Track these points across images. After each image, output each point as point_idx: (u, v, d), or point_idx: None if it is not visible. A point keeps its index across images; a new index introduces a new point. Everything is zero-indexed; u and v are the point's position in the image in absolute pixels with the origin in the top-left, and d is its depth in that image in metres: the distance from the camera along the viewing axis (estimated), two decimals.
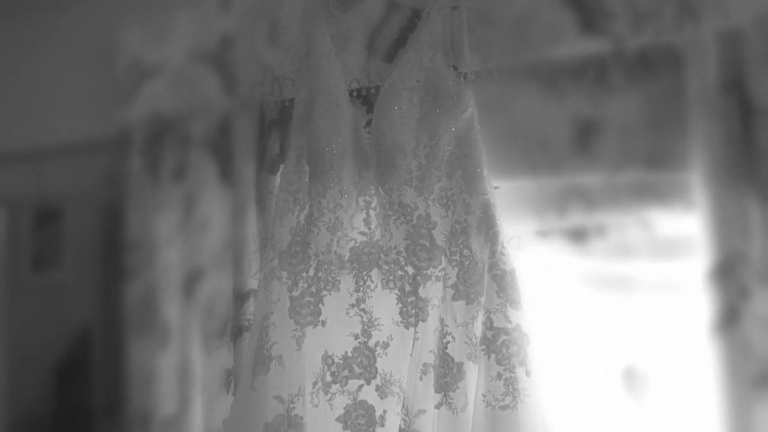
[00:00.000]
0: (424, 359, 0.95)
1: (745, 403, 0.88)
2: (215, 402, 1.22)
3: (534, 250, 1.03)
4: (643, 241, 0.97)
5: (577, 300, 0.98)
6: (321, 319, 1.02)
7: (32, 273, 2.16)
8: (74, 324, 2.03)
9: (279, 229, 1.06)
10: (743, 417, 0.89)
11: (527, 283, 0.96)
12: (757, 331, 0.87)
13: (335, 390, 1.00)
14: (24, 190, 1.86)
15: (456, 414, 0.91)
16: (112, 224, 1.60)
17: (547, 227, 1.02)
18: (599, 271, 1.01)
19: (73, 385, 2.07)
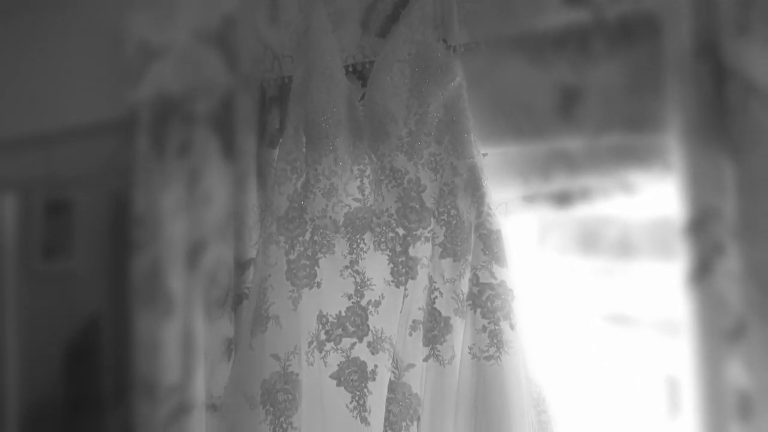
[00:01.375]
0: (413, 316, 1.00)
1: (718, 356, 0.92)
2: (216, 369, 1.28)
3: (521, 215, 1.09)
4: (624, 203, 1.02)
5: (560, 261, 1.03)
6: (316, 281, 1.08)
7: (43, 261, 2.23)
8: (84, 311, 2.09)
9: (277, 197, 1.12)
10: (716, 370, 0.92)
11: (514, 245, 1.01)
12: (731, 285, 0.92)
13: (329, 348, 1.05)
14: (34, 175, 1.93)
15: (443, 366, 0.96)
16: (121, 215, 1.66)
17: (533, 192, 1.07)
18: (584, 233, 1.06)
19: (83, 369, 2.14)
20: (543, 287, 1.03)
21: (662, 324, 1.02)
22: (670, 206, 0.94)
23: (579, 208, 1.06)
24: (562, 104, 1.02)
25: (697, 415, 0.93)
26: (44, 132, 1.74)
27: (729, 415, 0.91)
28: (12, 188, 2.02)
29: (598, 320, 1.10)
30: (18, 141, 1.81)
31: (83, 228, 2.13)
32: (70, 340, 2.16)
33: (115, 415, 1.88)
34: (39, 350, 2.19)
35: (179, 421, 1.32)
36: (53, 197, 2.16)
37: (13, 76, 1.76)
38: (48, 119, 1.70)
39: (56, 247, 2.21)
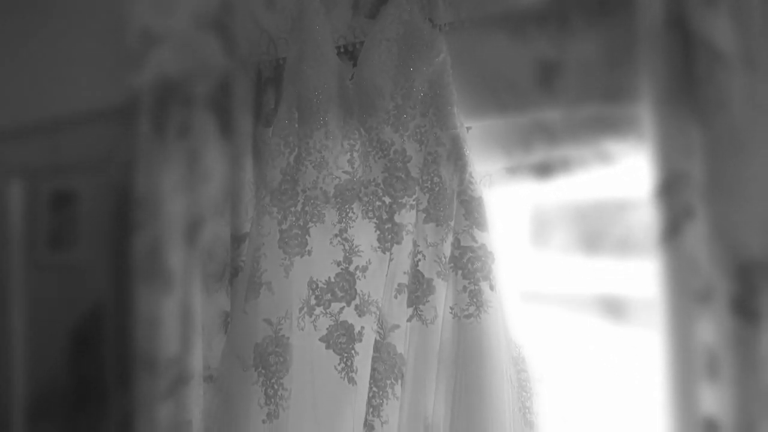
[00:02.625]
0: (398, 280, 1.06)
1: (688, 318, 0.96)
2: (213, 341, 1.34)
3: (504, 187, 1.15)
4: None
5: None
6: (307, 249, 1.13)
7: (49, 252, 2.29)
8: (88, 301, 2.15)
9: (271, 170, 1.18)
10: (686, 331, 0.96)
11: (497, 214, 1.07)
12: (701, 247, 0.96)
13: (319, 312, 1.11)
14: (38, 162, 1.99)
15: (426, 325, 1.01)
16: (125, 207, 1.72)
17: (515, 164, 1.12)
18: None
19: (88, 358, 2.19)
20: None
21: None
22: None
23: (559, 180, 1.11)
24: (542, 78, 1.08)
25: (667, 375, 0.97)
26: (47, 119, 1.80)
27: (698, 375, 0.95)
28: (16, 175, 2.09)
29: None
30: (21, 128, 1.87)
31: (88, 219, 2.19)
32: (75, 329, 2.22)
33: (118, 404, 1.93)
34: (44, 339, 2.25)
35: (177, 393, 1.38)
36: (58, 188, 2.23)
37: (14, 63, 1.83)
38: (50, 106, 1.77)
39: (61, 238, 2.28)
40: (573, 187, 1.16)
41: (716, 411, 0.93)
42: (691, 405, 0.96)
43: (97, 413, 2.11)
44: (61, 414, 2.22)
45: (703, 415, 0.94)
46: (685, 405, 0.97)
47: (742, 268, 0.90)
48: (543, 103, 1.07)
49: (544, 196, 1.21)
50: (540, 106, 1.07)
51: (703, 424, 0.94)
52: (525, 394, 0.99)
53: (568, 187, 1.16)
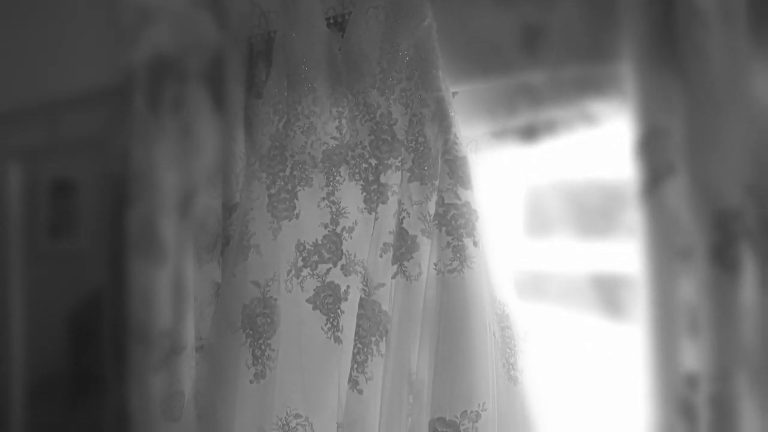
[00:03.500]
0: (384, 239, 1.08)
1: (668, 274, 0.98)
2: (205, 312, 1.35)
3: (490, 151, 1.16)
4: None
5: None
6: (295, 212, 1.15)
7: (49, 241, 2.32)
8: (87, 288, 2.18)
9: (260, 137, 1.20)
10: (668, 288, 0.98)
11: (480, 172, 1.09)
12: (682, 203, 0.98)
13: (306, 273, 1.13)
14: (38, 145, 2.02)
15: (410, 281, 1.02)
16: (122, 198, 1.75)
17: (501, 128, 1.14)
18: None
19: (86, 345, 2.22)
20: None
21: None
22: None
23: (544, 142, 1.13)
24: (526, 41, 1.10)
25: (648, 331, 0.98)
26: (44, 101, 1.83)
27: (679, 332, 0.96)
28: (15, 158, 2.12)
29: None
30: (18, 111, 1.90)
31: (88, 209, 2.22)
32: (74, 315, 2.24)
33: (116, 391, 1.95)
34: (43, 326, 2.28)
35: (170, 364, 1.40)
36: (58, 178, 2.26)
37: (8, 45, 1.86)
38: (47, 88, 1.79)
39: (62, 227, 2.30)
40: (564, 164, 1.17)
41: (697, 367, 0.94)
42: (673, 362, 0.97)
43: (95, 398, 2.14)
44: (60, 400, 2.25)
45: (686, 371, 0.95)
46: (667, 362, 0.98)
47: (720, 219, 0.92)
48: (527, 66, 1.09)
49: (538, 179, 1.23)
50: (524, 69, 1.09)
51: (684, 380, 0.95)
52: (509, 351, 1.00)
53: (558, 163, 1.18)
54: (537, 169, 1.21)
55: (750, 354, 0.91)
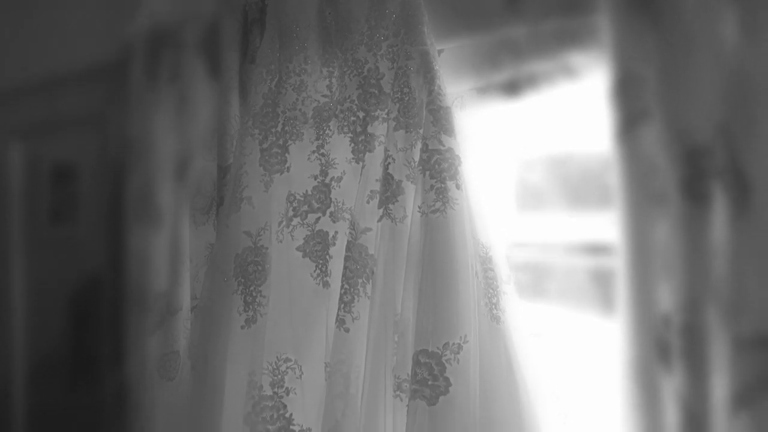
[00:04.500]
0: (370, 187, 1.12)
1: (645, 218, 1.01)
2: (201, 273, 1.40)
3: (475, 107, 1.21)
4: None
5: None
6: (287, 166, 1.20)
7: (49, 227, 2.38)
8: (86, 272, 2.23)
9: (254, 96, 1.25)
10: (643, 231, 1.01)
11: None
12: (658, 148, 1.02)
13: (296, 223, 1.17)
14: (39, 123, 2.07)
15: (395, 224, 1.07)
16: (121, 185, 1.80)
17: (484, 83, 1.19)
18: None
19: (85, 326, 2.26)
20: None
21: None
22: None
23: (527, 96, 1.18)
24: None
25: (626, 273, 1.02)
26: (44, 77, 1.88)
27: (656, 273, 1.00)
28: (16, 137, 2.17)
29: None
30: (18, 88, 1.96)
31: (87, 196, 2.27)
32: (73, 299, 2.29)
33: (114, 371, 1.99)
34: (44, 309, 2.33)
35: (166, 323, 1.44)
36: (58, 165, 2.31)
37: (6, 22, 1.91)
38: (47, 64, 1.85)
39: (62, 214, 2.36)
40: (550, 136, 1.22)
41: (671, 306, 0.98)
42: (650, 302, 1.01)
43: (94, 377, 2.18)
44: (60, 380, 2.29)
45: (662, 310, 0.99)
46: (644, 302, 1.02)
47: (690, 155, 0.96)
48: (509, 21, 1.14)
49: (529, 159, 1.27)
50: (506, 24, 1.14)
51: (661, 320, 0.99)
52: (492, 291, 1.04)
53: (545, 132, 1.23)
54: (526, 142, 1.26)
55: (720, 286, 0.94)
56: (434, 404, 0.97)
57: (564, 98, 1.19)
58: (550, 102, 1.20)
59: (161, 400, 1.42)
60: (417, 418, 0.97)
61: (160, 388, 1.42)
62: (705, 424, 0.94)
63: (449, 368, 0.97)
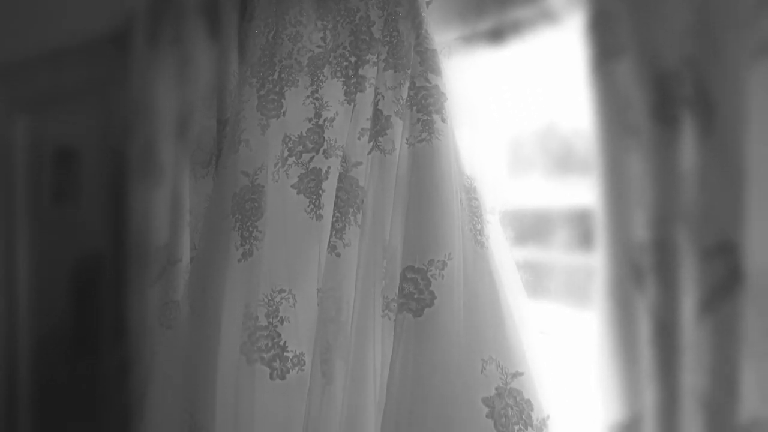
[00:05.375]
0: (361, 125, 1.19)
1: (619, 149, 1.08)
2: (200, 224, 1.46)
3: (462, 56, 1.28)
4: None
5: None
6: (282, 111, 1.27)
7: (52, 207, 2.45)
8: (88, 251, 2.29)
9: (252, 49, 1.33)
10: (618, 161, 1.07)
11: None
12: (631, 82, 1.08)
13: (291, 162, 1.24)
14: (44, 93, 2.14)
15: (384, 155, 1.13)
16: (122, 167, 1.88)
17: (470, 31, 1.26)
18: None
19: (87, 303, 2.33)
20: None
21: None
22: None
23: (511, 45, 1.25)
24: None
25: (603, 203, 1.08)
26: (47, 51, 1.95)
27: (631, 206, 1.06)
28: (21, 111, 2.24)
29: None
30: (23, 62, 2.03)
31: (89, 177, 2.34)
32: (75, 275, 2.36)
33: (116, 344, 2.05)
34: (47, 285, 2.39)
35: (166, 274, 1.50)
36: (61, 147, 2.39)
37: None
38: (50, 36, 1.92)
39: (64, 194, 2.43)
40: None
41: (644, 235, 1.04)
42: (626, 231, 1.07)
43: (95, 355, 2.24)
44: (63, 354, 2.35)
45: (638, 241, 1.05)
46: (620, 232, 1.08)
47: (659, 80, 1.02)
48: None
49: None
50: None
51: (636, 247, 1.05)
52: (476, 218, 1.10)
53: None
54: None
55: (687, 203, 1.00)
56: (420, 316, 1.03)
57: (546, 47, 1.26)
58: (533, 51, 1.27)
59: (161, 347, 1.47)
60: (404, 330, 1.03)
61: (160, 335, 1.48)
62: (674, 331, 1.00)
63: (434, 282, 1.03)
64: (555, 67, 1.28)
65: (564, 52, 1.25)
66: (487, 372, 1.04)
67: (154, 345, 1.50)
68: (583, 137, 1.21)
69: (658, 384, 1.01)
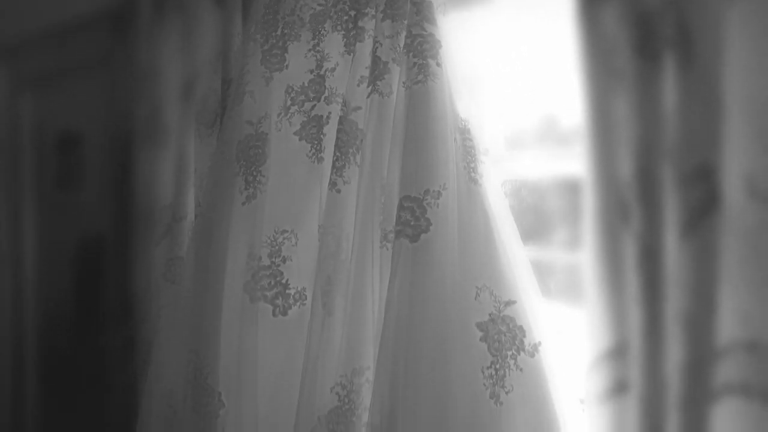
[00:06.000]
0: (361, 72, 1.25)
1: (605, 93, 1.13)
2: (204, 182, 1.52)
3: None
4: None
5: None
6: (285, 64, 1.34)
7: (57, 191, 2.51)
8: (91, 234, 2.35)
9: (256, 7, 1.39)
10: (604, 104, 1.13)
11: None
12: (616, 26, 1.14)
13: (293, 111, 1.31)
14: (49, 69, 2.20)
15: (382, 97, 1.19)
16: (125, 152, 1.94)
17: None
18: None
19: (92, 282, 2.38)
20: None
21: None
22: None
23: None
24: None
25: (589, 150, 1.13)
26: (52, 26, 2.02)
27: (618, 148, 1.12)
28: (27, 86, 2.31)
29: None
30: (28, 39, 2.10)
31: (92, 162, 2.40)
32: (79, 254, 2.41)
33: (119, 325, 2.10)
34: (53, 264, 2.45)
35: (172, 231, 1.56)
36: (65, 133, 2.45)
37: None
38: (54, 12, 1.99)
39: (68, 179, 2.49)
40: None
41: (629, 168, 1.10)
42: (612, 170, 1.12)
43: (98, 333, 2.29)
44: (67, 333, 2.40)
45: (624, 179, 1.10)
46: (607, 170, 1.13)
47: (642, 18, 1.08)
48: None
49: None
50: None
51: (622, 184, 1.10)
52: (470, 157, 1.16)
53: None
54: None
55: (669, 133, 1.06)
56: (416, 241, 1.09)
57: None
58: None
59: (166, 302, 1.53)
60: (401, 255, 1.09)
61: (165, 290, 1.54)
62: (658, 256, 1.05)
63: (430, 211, 1.09)
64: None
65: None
66: (480, 299, 1.09)
67: (160, 300, 1.55)
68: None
69: (643, 308, 1.07)
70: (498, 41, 1.37)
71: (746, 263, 1.01)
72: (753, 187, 1.01)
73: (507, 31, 1.36)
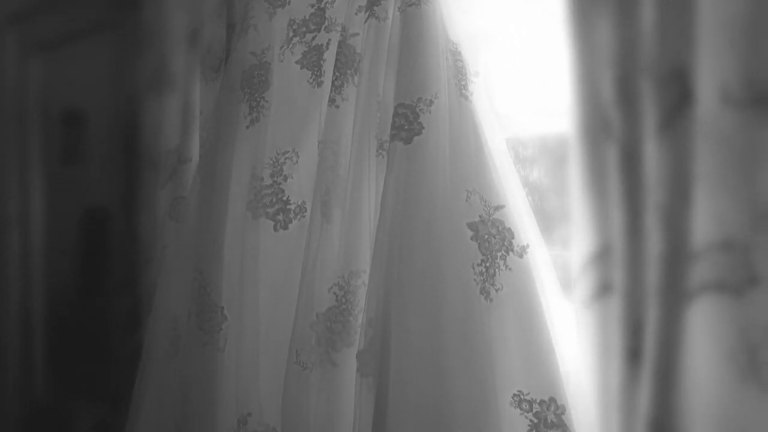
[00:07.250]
0: (358, 3, 1.34)
1: (589, 15, 1.22)
2: (209, 124, 1.61)
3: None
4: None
5: None
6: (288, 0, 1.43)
7: (62, 167, 2.60)
8: (95, 207, 2.44)
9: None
10: (587, 25, 1.21)
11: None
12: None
13: (295, 41, 1.39)
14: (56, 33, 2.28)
15: (379, 21, 1.28)
16: (130, 129, 2.04)
17: None
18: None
19: (95, 263, 2.46)
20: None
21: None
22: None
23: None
24: None
25: (572, 67, 1.21)
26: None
27: (599, 69, 1.20)
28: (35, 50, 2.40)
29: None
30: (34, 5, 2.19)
31: (97, 138, 2.49)
32: (84, 225, 2.50)
33: (123, 297, 2.18)
34: (59, 240, 2.53)
35: (177, 173, 1.64)
36: (69, 108, 2.55)
37: None
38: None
39: (73, 155, 2.58)
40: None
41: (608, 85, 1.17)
42: (594, 86, 1.20)
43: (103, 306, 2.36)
44: (73, 306, 2.48)
45: (605, 97, 1.18)
46: (589, 88, 1.21)
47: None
48: None
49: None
50: None
51: (605, 103, 1.18)
52: (461, 76, 1.24)
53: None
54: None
55: (646, 42, 1.14)
56: (410, 143, 1.16)
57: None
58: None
59: (171, 239, 1.60)
60: (395, 157, 1.17)
61: (169, 229, 1.61)
62: (638, 155, 1.13)
63: (422, 116, 1.17)
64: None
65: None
66: (471, 201, 1.17)
67: (165, 239, 1.63)
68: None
69: (625, 210, 1.14)
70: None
71: (721, 166, 1.08)
72: (726, 95, 1.09)
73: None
